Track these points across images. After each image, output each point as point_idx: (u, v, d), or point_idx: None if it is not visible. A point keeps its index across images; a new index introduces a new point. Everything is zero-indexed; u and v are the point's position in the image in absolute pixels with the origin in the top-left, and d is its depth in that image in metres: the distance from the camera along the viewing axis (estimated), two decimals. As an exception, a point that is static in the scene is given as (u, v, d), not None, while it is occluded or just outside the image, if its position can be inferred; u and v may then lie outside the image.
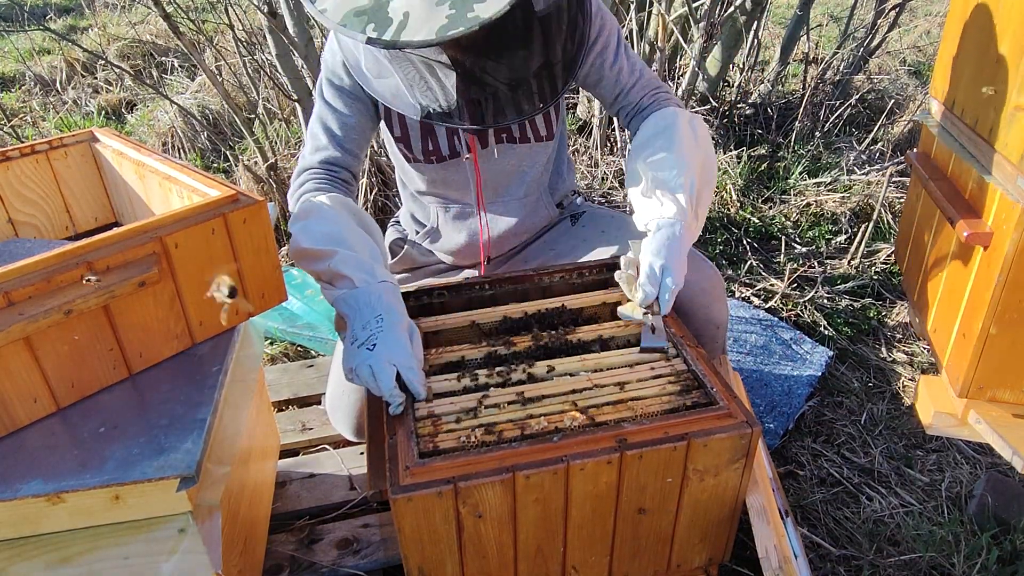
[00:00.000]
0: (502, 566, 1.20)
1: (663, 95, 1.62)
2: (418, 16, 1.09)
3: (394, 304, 1.31)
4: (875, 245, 2.89)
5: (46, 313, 1.06)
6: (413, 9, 1.10)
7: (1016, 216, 1.39)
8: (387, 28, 1.10)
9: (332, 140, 1.55)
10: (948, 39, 1.85)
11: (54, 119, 4.38)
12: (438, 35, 1.08)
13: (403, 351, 1.24)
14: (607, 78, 1.59)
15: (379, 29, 1.10)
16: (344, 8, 1.13)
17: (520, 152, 1.65)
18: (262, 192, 3.08)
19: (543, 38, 1.35)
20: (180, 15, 3.36)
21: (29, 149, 1.56)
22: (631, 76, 1.60)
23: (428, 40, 1.08)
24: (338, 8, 1.13)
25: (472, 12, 1.07)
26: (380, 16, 1.11)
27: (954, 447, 1.99)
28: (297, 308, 2.49)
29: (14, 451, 1.09)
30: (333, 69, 1.52)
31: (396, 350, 1.24)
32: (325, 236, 1.37)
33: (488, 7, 1.07)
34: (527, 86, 1.38)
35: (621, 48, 1.58)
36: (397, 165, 1.75)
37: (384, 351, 1.23)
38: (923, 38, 5.25)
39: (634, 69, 1.61)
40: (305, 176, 1.55)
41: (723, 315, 1.64)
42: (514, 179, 1.69)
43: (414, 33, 1.09)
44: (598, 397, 1.25)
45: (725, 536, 1.30)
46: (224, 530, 1.19)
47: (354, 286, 1.31)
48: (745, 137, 3.67)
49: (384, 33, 1.10)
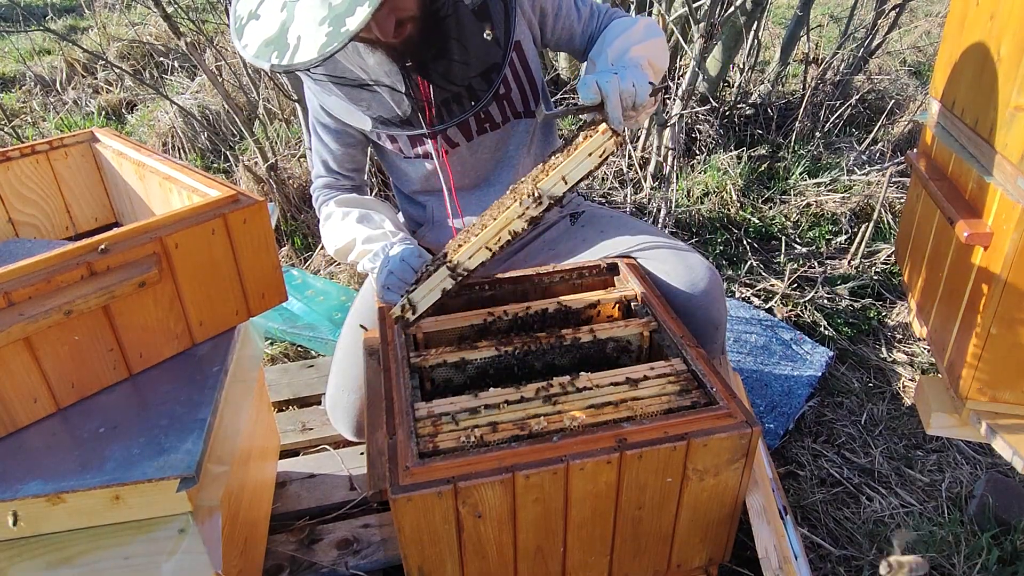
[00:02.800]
0: (502, 566, 1.20)
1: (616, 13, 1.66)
2: (307, 38, 1.15)
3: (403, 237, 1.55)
4: (875, 245, 2.89)
5: (46, 313, 1.06)
6: (303, 32, 1.15)
7: (1016, 216, 1.39)
8: (285, 53, 1.16)
9: (328, 170, 1.74)
10: (948, 39, 1.85)
11: (54, 119, 4.38)
12: (320, 53, 1.13)
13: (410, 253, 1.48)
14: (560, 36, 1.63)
15: (280, 55, 1.16)
16: (258, 40, 1.19)
17: (490, 140, 1.67)
18: (262, 192, 3.08)
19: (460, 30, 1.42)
20: (180, 15, 3.36)
21: (29, 149, 1.56)
22: (590, 22, 1.64)
23: (312, 60, 1.14)
24: (254, 41, 1.20)
25: (344, 27, 1.12)
26: (281, 43, 1.17)
27: (954, 447, 1.98)
28: (297, 308, 2.49)
29: (14, 451, 1.09)
30: (315, 109, 1.64)
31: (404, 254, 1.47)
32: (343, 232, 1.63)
33: (355, 19, 1.12)
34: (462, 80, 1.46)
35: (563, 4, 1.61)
36: (391, 170, 1.78)
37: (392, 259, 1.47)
38: (923, 38, 5.25)
39: (592, 16, 1.64)
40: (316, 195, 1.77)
41: (722, 315, 1.64)
42: (496, 164, 1.69)
43: (304, 54, 1.14)
44: (598, 397, 1.25)
45: (725, 536, 1.30)
46: (224, 530, 1.19)
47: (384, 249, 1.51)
48: (745, 137, 3.67)
49: (283, 58, 1.16)
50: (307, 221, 3.08)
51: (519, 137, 1.69)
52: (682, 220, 3.09)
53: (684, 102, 3.19)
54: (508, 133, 1.67)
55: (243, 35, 1.22)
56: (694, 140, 3.66)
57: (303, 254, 3.01)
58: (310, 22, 1.15)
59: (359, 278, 2.79)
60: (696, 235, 3.05)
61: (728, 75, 3.88)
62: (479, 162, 1.68)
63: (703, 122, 3.65)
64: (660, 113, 3.20)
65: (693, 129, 3.65)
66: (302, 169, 3.24)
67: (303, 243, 3.05)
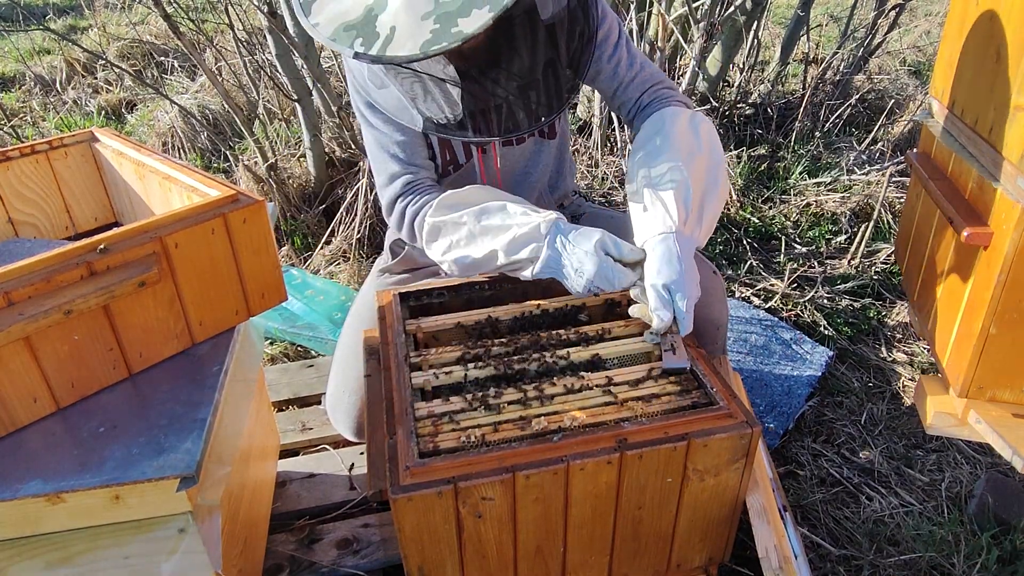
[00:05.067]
0: (502, 566, 1.20)
1: (665, 91, 1.56)
2: (404, 31, 1.09)
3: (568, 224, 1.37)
4: (875, 245, 2.89)
5: (46, 313, 1.06)
6: (400, 24, 1.10)
7: (1016, 216, 1.39)
8: (374, 43, 1.11)
9: (399, 161, 1.54)
10: (948, 39, 1.85)
11: (54, 119, 4.38)
12: (422, 49, 1.08)
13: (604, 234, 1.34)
14: (604, 71, 1.55)
15: (366, 44, 1.11)
16: (335, 22, 1.14)
17: (524, 152, 1.65)
18: (262, 192, 3.08)
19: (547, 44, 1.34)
20: (180, 15, 3.36)
21: (29, 149, 1.56)
22: (629, 70, 1.56)
23: (412, 55, 1.09)
24: (330, 22, 1.14)
25: (456, 27, 1.07)
26: (368, 31, 1.11)
27: (954, 447, 1.98)
28: (297, 308, 2.49)
29: (14, 451, 1.09)
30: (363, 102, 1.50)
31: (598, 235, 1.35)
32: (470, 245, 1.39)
33: (472, 21, 1.07)
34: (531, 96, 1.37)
35: (622, 41, 1.55)
36: None
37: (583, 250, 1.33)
38: (923, 38, 5.25)
39: (633, 63, 1.56)
40: (399, 206, 1.53)
41: (723, 315, 1.64)
42: (518, 180, 1.69)
43: (399, 48, 1.09)
44: (598, 397, 1.25)
45: (725, 536, 1.30)
46: (224, 530, 1.19)
47: (541, 255, 1.35)
48: (745, 137, 3.67)
49: (371, 48, 1.11)
50: (307, 221, 3.08)
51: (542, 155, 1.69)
52: (682, 220, 3.08)
53: (684, 102, 3.19)
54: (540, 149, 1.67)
55: (312, 11, 1.15)
56: (694, 140, 3.65)
57: (303, 254, 3.01)
58: (408, 14, 1.09)
59: (359, 278, 2.79)
60: (696, 235, 3.05)
61: (728, 75, 3.87)
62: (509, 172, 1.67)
63: (703, 122, 3.65)
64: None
65: (693, 129, 3.65)
66: (302, 169, 3.24)
67: (303, 243, 3.05)
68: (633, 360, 1.37)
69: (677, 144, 1.41)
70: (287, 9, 2.71)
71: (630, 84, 1.57)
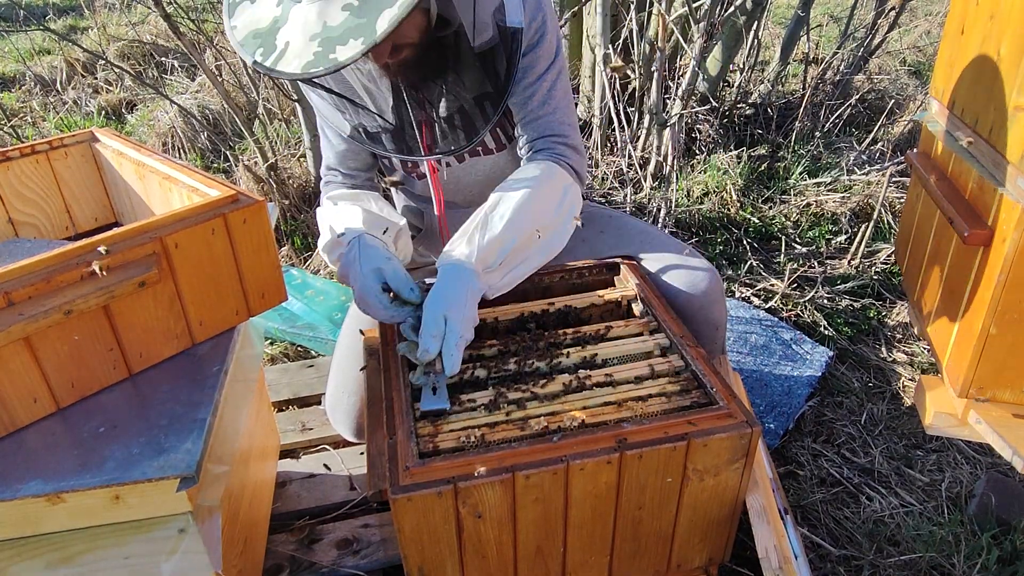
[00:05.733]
0: (502, 566, 1.20)
1: (562, 148, 1.50)
2: (294, 48, 1.12)
3: (363, 246, 1.38)
4: (875, 245, 2.89)
5: (46, 313, 1.06)
6: (293, 40, 1.12)
7: (1016, 216, 1.39)
8: (270, 55, 1.13)
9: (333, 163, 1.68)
10: (948, 39, 1.85)
11: (54, 119, 4.38)
12: (303, 70, 1.11)
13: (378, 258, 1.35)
14: (516, 96, 1.48)
15: (265, 54, 1.14)
16: (248, 28, 1.16)
17: (476, 165, 1.66)
18: (262, 192, 3.08)
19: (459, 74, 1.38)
20: (180, 15, 3.36)
21: (29, 149, 1.56)
22: (540, 108, 1.49)
23: (294, 73, 1.11)
24: (244, 27, 1.17)
25: (333, 53, 1.10)
26: (269, 42, 1.14)
27: (954, 447, 1.99)
28: (297, 308, 2.49)
29: (14, 451, 1.09)
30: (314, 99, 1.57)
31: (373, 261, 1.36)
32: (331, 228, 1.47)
33: (346, 51, 1.09)
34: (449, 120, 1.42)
35: (548, 76, 1.48)
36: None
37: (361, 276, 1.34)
38: (923, 38, 5.25)
39: (547, 103, 1.49)
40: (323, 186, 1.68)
41: (722, 316, 1.64)
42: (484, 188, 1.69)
43: (287, 64, 1.12)
44: (598, 397, 1.25)
45: (725, 536, 1.30)
46: (224, 530, 1.19)
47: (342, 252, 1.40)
48: (745, 137, 3.67)
49: (267, 59, 1.13)
50: (307, 221, 3.08)
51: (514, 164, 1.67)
52: (682, 220, 3.09)
53: (684, 102, 3.19)
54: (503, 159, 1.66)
55: (235, 14, 1.18)
56: (694, 140, 3.66)
57: (303, 254, 3.01)
58: (301, 33, 1.11)
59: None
60: (696, 235, 3.05)
61: (728, 75, 3.87)
62: (473, 183, 1.69)
63: (703, 122, 3.65)
64: (660, 113, 3.20)
65: (693, 129, 3.65)
66: (302, 169, 3.25)
67: (303, 243, 3.05)
68: (633, 360, 1.37)
69: (534, 205, 1.39)
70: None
71: (533, 122, 1.51)
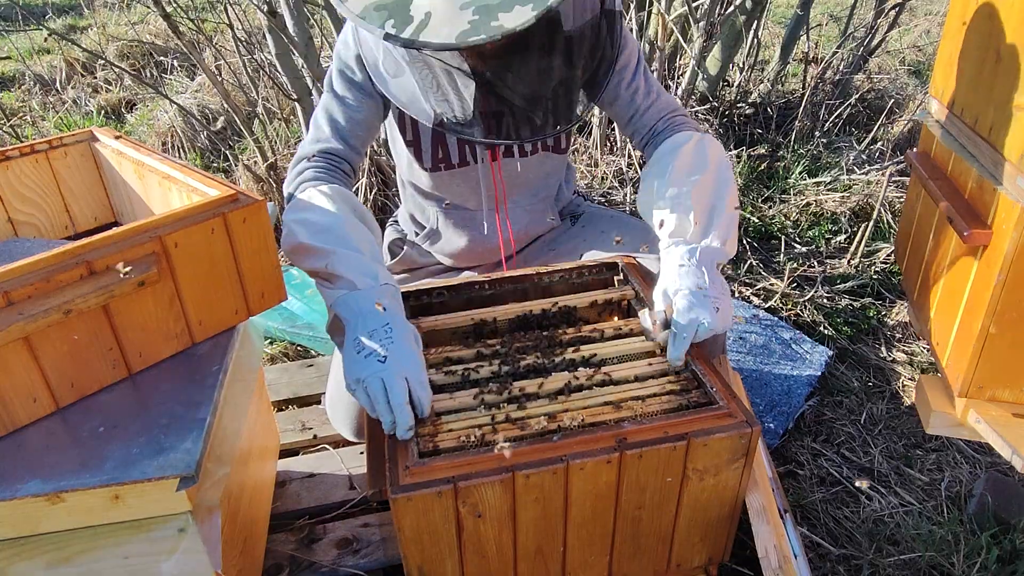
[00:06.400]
0: (502, 566, 1.20)
1: (678, 119, 1.57)
2: (440, 18, 1.06)
3: (400, 312, 1.26)
4: (875, 245, 2.89)
5: (46, 313, 1.06)
6: (436, 10, 1.07)
7: (1016, 216, 1.39)
8: (407, 26, 1.07)
9: (335, 132, 1.50)
10: (948, 38, 1.85)
11: (54, 119, 4.38)
12: (458, 40, 1.05)
13: (416, 365, 1.17)
14: (622, 98, 1.55)
15: (398, 26, 1.07)
16: (366, 0, 1.10)
17: (530, 164, 1.66)
18: (262, 192, 3.08)
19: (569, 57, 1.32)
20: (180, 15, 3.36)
21: (29, 149, 1.55)
22: (646, 99, 1.56)
23: (447, 43, 1.05)
24: (360, 1, 1.11)
25: (496, 21, 1.04)
26: (401, 13, 1.08)
27: (954, 446, 1.99)
28: (297, 308, 2.49)
29: (14, 451, 1.09)
30: (346, 62, 1.47)
31: (409, 364, 1.16)
32: (324, 231, 1.31)
33: (513, 17, 1.04)
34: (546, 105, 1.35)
35: (640, 69, 1.55)
36: (401, 164, 1.73)
37: (396, 364, 1.15)
38: (923, 38, 5.25)
39: (650, 91, 1.56)
40: (304, 165, 1.47)
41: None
42: (524, 189, 1.69)
43: (433, 35, 1.06)
44: (598, 396, 1.25)
45: (725, 536, 1.30)
46: (224, 530, 1.18)
47: (355, 288, 1.25)
48: (745, 137, 3.67)
49: (403, 31, 1.07)
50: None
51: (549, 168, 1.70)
52: (682, 220, 3.08)
53: (684, 101, 3.19)
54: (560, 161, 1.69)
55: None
56: (694, 139, 3.65)
57: (303, 254, 3.01)
58: (447, 2, 1.06)
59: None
60: (696, 235, 3.05)
61: (728, 74, 3.87)
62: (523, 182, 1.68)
63: (703, 121, 3.65)
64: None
65: (693, 128, 3.65)
66: (302, 168, 3.24)
67: (303, 243, 3.05)
68: (633, 359, 1.37)
69: (682, 167, 1.42)
70: (287, 8, 2.71)
71: (646, 112, 1.57)
